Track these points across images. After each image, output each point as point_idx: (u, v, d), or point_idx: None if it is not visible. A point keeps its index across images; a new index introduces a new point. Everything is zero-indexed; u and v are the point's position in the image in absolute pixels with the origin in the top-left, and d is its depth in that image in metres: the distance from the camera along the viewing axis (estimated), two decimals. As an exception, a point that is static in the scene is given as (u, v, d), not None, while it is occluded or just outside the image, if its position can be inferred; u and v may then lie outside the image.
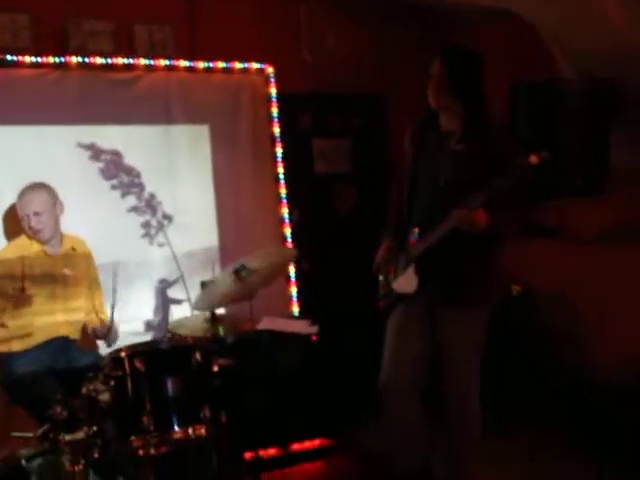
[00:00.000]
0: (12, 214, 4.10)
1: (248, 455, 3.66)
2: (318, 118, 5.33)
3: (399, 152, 3.62)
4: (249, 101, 4.94)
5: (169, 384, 2.86)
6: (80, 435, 2.83)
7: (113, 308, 3.61)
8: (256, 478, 3.61)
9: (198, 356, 2.92)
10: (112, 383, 2.88)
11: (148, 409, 2.84)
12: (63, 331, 3.92)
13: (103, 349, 4.05)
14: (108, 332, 3.79)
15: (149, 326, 4.62)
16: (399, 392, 3.36)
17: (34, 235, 3.87)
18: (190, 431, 2.88)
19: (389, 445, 3.51)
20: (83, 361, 3.88)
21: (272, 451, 4.34)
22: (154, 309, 4.65)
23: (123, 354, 2.88)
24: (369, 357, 3.66)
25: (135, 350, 2.89)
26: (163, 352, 2.95)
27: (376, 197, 5.02)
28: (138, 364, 2.84)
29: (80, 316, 4.02)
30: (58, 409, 2.81)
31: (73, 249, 4.01)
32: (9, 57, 4.14)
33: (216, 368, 3.04)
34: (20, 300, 3.78)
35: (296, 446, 4.44)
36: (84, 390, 2.88)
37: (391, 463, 3.53)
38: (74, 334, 3.99)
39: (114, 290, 3.57)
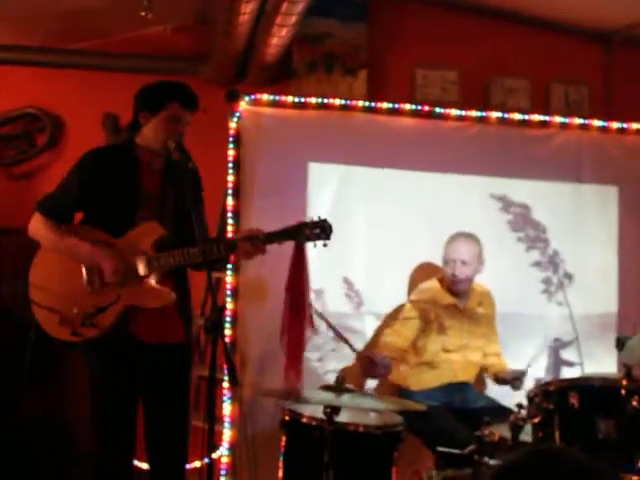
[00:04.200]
0: (420, 271, 4.37)
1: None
2: None
3: None
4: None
5: (601, 425, 2.78)
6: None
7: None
8: None
9: (635, 402, 2.80)
10: (539, 417, 2.87)
11: (576, 448, 2.78)
12: (461, 376, 4.06)
13: (492, 393, 4.13)
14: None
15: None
16: None
17: (452, 285, 4.06)
18: None
19: None
20: (478, 403, 3.98)
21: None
22: (545, 368, 4.58)
23: (553, 387, 2.87)
24: None
25: (568, 384, 2.86)
26: (596, 390, 2.87)
27: None
28: (572, 399, 2.80)
29: (477, 357, 4.14)
30: (487, 431, 2.87)
31: (479, 304, 4.15)
32: (437, 109, 4.47)
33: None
34: (440, 327, 4.00)
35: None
36: (511, 419, 2.90)
37: None
38: (470, 378, 4.10)
39: None
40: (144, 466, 3.26)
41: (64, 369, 4.64)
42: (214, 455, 4.16)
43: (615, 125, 4.71)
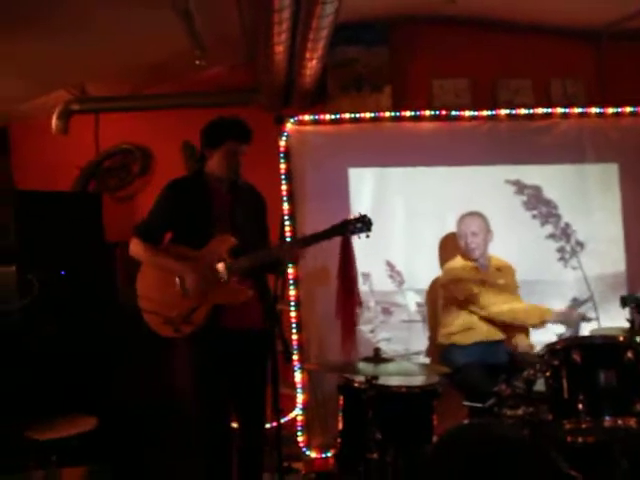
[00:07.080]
0: (448, 240, 4.28)
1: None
2: None
3: None
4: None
5: (602, 376, 2.66)
6: (519, 412, 2.79)
7: None
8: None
9: (630, 354, 2.67)
10: (549, 371, 2.77)
11: (581, 397, 2.67)
12: (492, 336, 3.95)
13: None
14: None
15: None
16: None
17: (468, 252, 4.00)
18: (620, 422, 2.64)
19: None
20: (506, 359, 3.86)
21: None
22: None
23: (560, 346, 2.77)
24: None
25: (571, 343, 2.75)
26: (597, 346, 2.75)
27: None
28: (575, 355, 2.69)
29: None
30: (504, 387, 2.80)
31: (498, 269, 4.05)
32: (453, 112, 4.36)
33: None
34: (471, 298, 3.92)
35: None
36: (525, 374, 2.82)
37: None
38: (500, 337, 3.99)
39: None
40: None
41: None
42: (291, 415, 4.24)
43: (611, 110, 4.49)
